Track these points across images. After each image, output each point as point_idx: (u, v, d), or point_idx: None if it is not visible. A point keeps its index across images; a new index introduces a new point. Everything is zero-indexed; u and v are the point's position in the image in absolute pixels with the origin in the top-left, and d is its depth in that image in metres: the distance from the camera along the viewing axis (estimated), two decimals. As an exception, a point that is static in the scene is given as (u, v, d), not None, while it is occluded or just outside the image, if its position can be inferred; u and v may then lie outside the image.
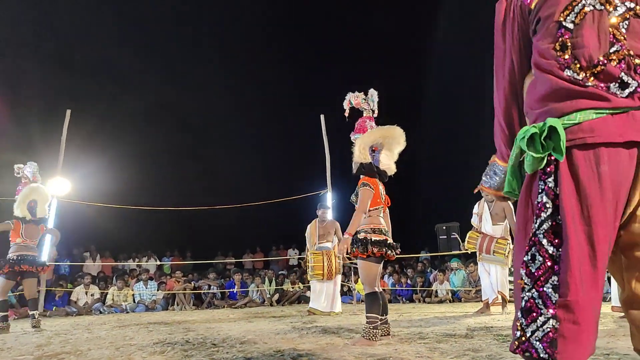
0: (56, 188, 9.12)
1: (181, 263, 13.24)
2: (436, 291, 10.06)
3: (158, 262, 13.51)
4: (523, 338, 1.38)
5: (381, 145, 4.47)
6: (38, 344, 4.61)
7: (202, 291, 10.74)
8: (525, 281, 1.41)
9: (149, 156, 16.55)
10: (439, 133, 17.43)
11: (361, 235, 4.20)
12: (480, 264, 6.89)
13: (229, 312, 9.07)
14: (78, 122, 10.38)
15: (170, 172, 17.29)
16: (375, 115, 4.71)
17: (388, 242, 4.22)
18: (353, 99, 4.69)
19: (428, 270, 11.53)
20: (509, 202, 6.69)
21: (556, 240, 1.38)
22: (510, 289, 7.93)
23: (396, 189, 4.30)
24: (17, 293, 9.29)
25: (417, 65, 18.53)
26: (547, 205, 1.40)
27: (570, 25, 1.45)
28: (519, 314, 1.41)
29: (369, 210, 4.27)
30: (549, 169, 1.42)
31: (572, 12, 1.45)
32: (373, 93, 4.71)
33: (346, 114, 4.71)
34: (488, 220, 6.70)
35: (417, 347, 3.62)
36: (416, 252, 13.61)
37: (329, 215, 8.34)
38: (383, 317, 4.21)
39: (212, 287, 10.92)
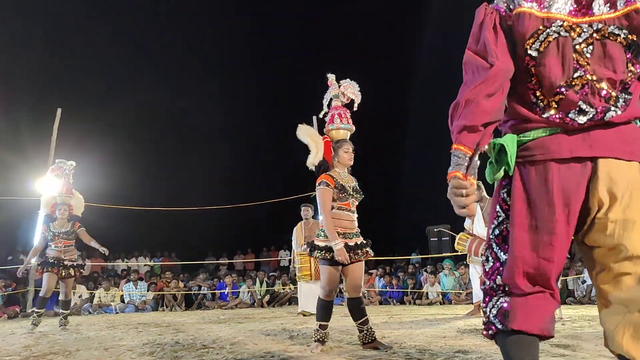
0: (46, 187, 9.06)
1: (171, 264, 13.18)
2: (427, 293, 10.09)
3: (149, 263, 13.42)
4: (486, 319, 1.56)
5: None
6: (26, 344, 4.56)
7: (192, 292, 10.69)
8: (483, 277, 1.61)
9: (140, 156, 16.45)
10: (430, 134, 17.48)
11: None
12: (471, 266, 6.92)
13: (220, 313, 9.04)
14: (68, 121, 10.33)
15: (161, 172, 17.20)
16: (343, 101, 4.39)
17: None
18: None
19: (419, 273, 11.56)
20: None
21: (505, 246, 1.55)
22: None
23: (387, 191, 4.27)
24: (7, 293, 9.23)
25: (409, 61, 18.57)
26: (499, 214, 1.59)
27: (535, 54, 1.50)
28: (482, 302, 1.60)
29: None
30: (504, 182, 1.58)
31: (537, 41, 1.49)
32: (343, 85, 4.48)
33: (355, 108, 4.49)
34: (480, 222, 6.72)
35: (408, 349, 3.63)
36: (407, 254, 13.63)
37: (310, 212, 8.19)
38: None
39: (202, 288, 10.88)
